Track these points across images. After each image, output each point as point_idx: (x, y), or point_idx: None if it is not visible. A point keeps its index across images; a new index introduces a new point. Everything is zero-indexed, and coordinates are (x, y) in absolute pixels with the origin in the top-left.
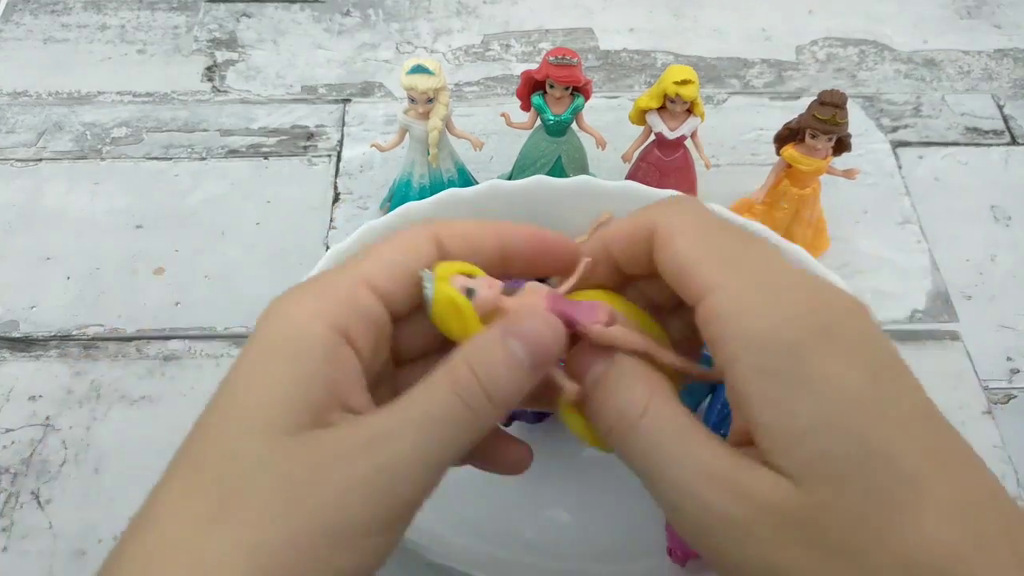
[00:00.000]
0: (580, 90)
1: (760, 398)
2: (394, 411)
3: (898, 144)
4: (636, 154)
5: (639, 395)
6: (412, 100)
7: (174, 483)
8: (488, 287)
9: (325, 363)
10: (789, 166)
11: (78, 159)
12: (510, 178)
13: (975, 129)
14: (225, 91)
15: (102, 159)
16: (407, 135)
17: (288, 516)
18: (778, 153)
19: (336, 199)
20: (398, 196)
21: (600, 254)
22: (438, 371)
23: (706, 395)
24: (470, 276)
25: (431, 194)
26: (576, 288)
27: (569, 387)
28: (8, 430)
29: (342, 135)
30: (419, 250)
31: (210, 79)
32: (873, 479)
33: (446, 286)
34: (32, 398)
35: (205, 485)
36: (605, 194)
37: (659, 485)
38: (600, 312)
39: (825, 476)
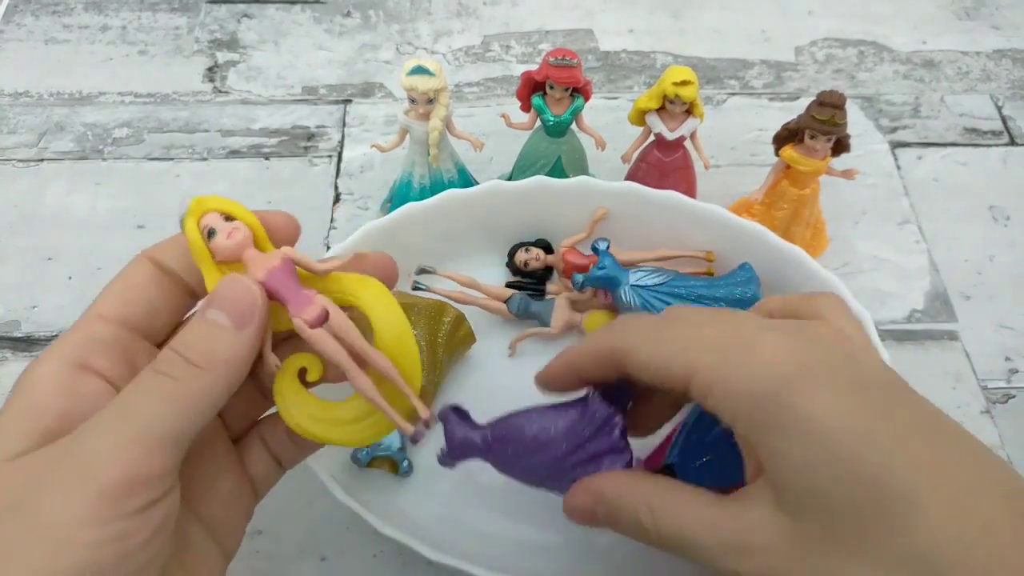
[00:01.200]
0: (580, 91)
1: (761, 448)
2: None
3: (897, 145)
4: (635, 155)
5: (643, 518)
6: (412, 101)
7: None
8: (231, 234)
9: (56, 394)
10: (788, 167)
11: (79, 159)
12: (510, 179)
13: (974, 130)
14: (226, 92)
15: (103, 159)
16: (407, 136)
17: (4, 529)
18: (777, 154)
19: (337, 199)
20: (399, 197)
21: (604, 363)
22: None
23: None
24: (228, 217)
25: (431, 194)
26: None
27: (270, 361)
28: None
29: (343, 136)
30: (141, 269)
31: (211, 80)
32: (862, 504)
33: (191, 221)
34: None
35: None
36: (605, 194)
37: (689, 556)
38: (308, 307)
39: (815, 509)
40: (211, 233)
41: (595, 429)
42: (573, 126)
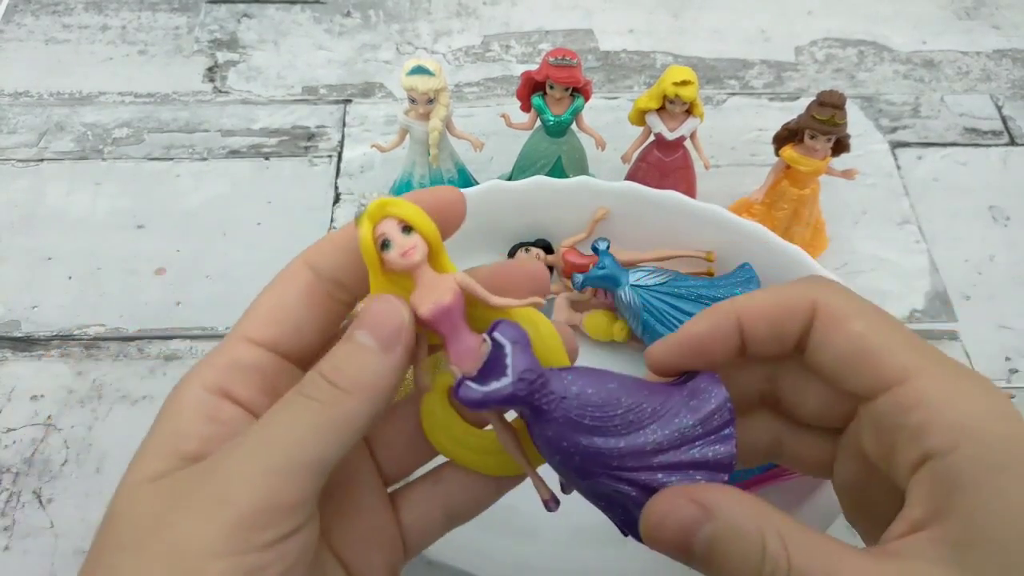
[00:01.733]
0: (580, 91)
1: (988, 488)
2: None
3: (897, 145)
4: (636, 155)
5: (771, 548)
6: (412, 101)
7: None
8: (407, 254)
9: (195, 420)
10: (788, 167)
11: (79, 159)
12: (510, 178)
13: (974, 130)
14: (226, 92)
15: (103, 159)
16: (407, 136)
17: (139, 553)
18: (777, 154)
19: (337, 199)
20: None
21: (724, 326)
22: None
23: None
24: (406, 227)
25: None
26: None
27: (423, 381)
28: (10, 429)
29: (343, 136)
30: (294, 281)
31: (211, 80)
32: None
33: (367, 226)
34: (34, 398)
35: (96, 543)
36: (605, 194)
37: None
38: (470, 359)
39: (1006, 568)
40: (385, 244)
41: (708, 431)
42: (573, 126)
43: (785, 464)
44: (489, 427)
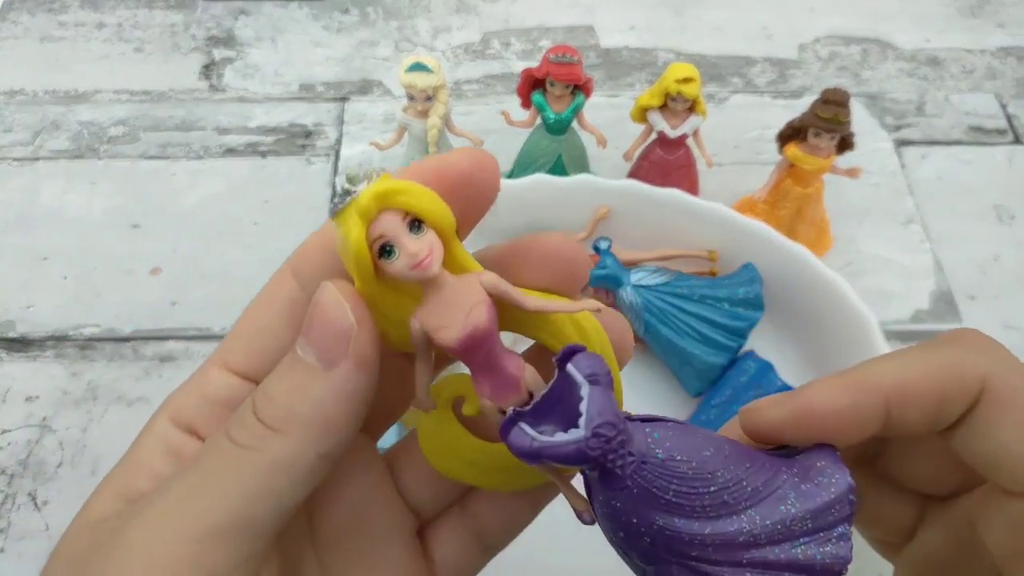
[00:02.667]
0: (581, 88)
1: None
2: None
3: (901, 143)
4: (637, 153)
5: None
6: (411, 98)
7: None
8: (421, 263)
9: (155, 455)
10: (792, 165)
11: (75, 158)
12: (510, 176)
13: (978, 128)
14: (223, 89)
15: (99, 158)
16: (406, 133)
17: None
18: (781, 152)
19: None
20: None
21: (867, 406)
22: None
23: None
24: (415, 222)
25: None
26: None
27: (424, 402)
28: (5, 431)
29: (340, 133)
30: (277, 296)
31: (207, 77)
32: None
33: (359, 226)
34: (29, 399)
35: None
36: (606, 192)
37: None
38: (512, 393)
39: None
40: (386, 251)
41: (820, 526)
42: (574, 124)
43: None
44: None
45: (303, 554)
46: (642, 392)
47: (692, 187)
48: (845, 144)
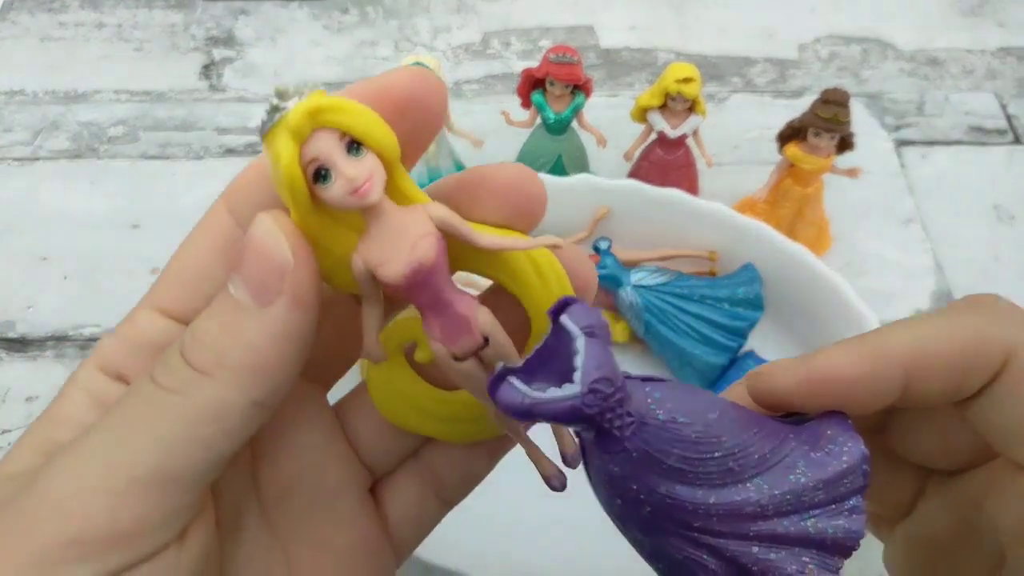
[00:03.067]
0: (581, 88)
1: None
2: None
3: (901, 143)
4: (637, 152)
5: None
6: None
7: None
8: (361, 189)
9: (79, 405)
10: (792, 165)
11: (74, 158)
12: None
13: (978, 128)
14: (222, 89)
15: (99, 158)
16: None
17: None
18: (781, 152)
19: None
20: None
21: (886, 375)
22: None
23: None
24: (355, 143)
25: None
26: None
27: (373, 351)
28: (5, 431)
29: None
30: (210, 232)
31: (207, 77)
32: None
33: (291, 145)
34: (29, 399)
35: None
36: (606, 192)
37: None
38: (464, 336)
39: None
40: (321, 174)
41: (832, 497)
42: (574, 124)
43: None
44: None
45: (246, 510)
46: None
47: (692, 187)
48: (845, 144)
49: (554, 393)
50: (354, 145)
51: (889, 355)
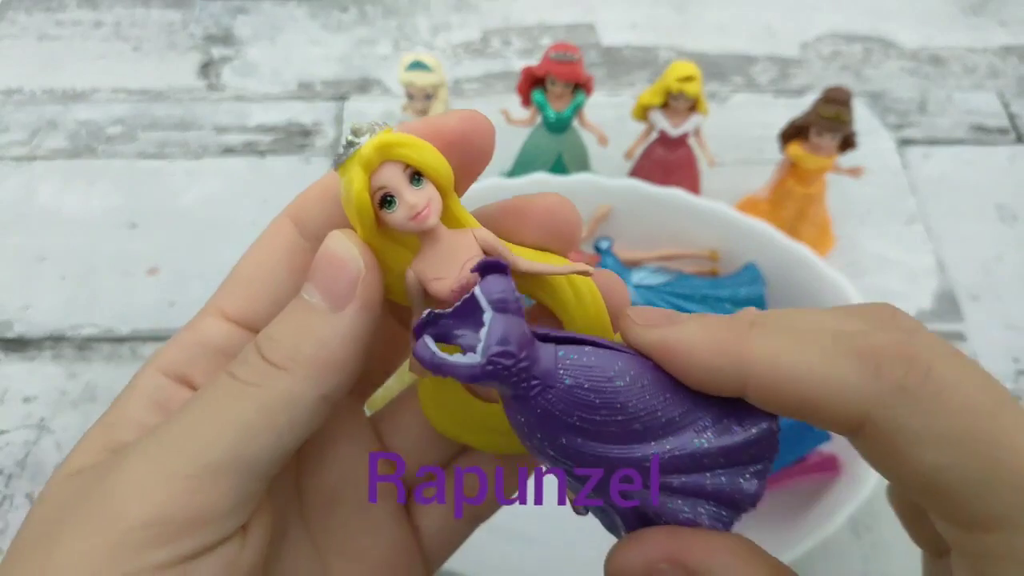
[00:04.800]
0: (581, 86)
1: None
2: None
3: (903, 142)
4: (638, 151)
5: None
6: (410, 97)
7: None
8: (420, 215)
9: (141, 406)
10: (794, 164)
11: (72, 157)
12: (511, 176)
13: (981, 127)
14: (221, 88)
15: (96, 157)
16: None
17: (18, 572)
18: (783, 151)
19: None
20: None
21: (732, 372)
22: None
23: None
24: (417, 174)
25: None
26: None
27: (416, 368)
28: (2, 432)
29: (339, 133)
30: (275, 242)
31: (205, 76)
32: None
33: (361, 176)
34: (26, 399)
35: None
36: (607, 191)
37: None
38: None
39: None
40: (387, 201)
41: (734, 461)
42: (575, 122)
43: None
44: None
45: (290, 519)
46: None
47: (693, 186)
48: (847, 143)
49: (458, 359)
50: (416, 176)
51: (736, 358)
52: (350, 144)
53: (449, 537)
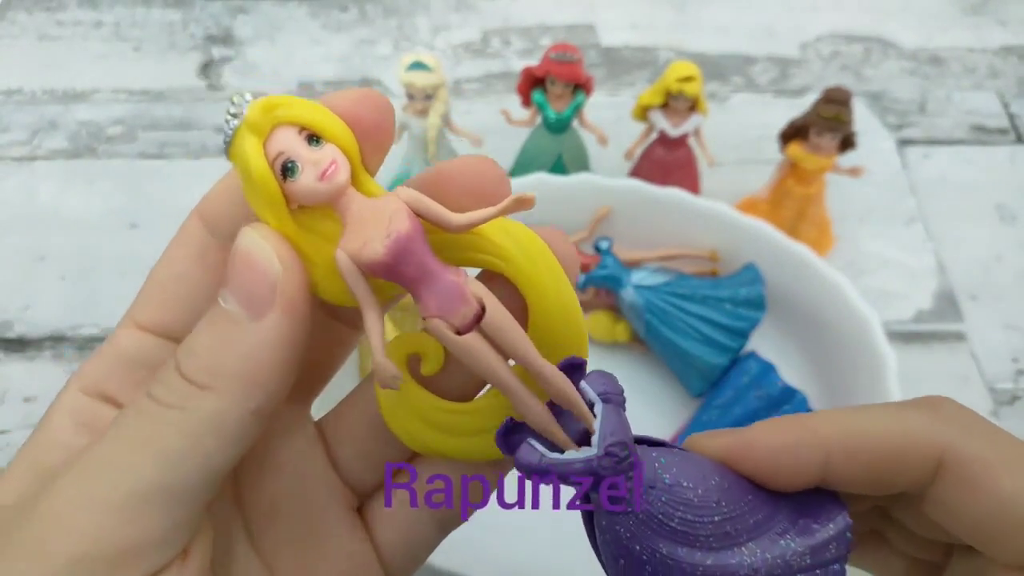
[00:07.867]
0: (581, 87)
1: None
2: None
3: (903, 142)
4: (638, 152)
5: None
6: (411, 97)
7: None
8: (327, 173)
9: (65, 429)
10: (794, 164)
11: (72, 157)
12: (511, 176)
13: (981, 127)
14: (221, 88)
15: (97, 158)
16: (405, 133)
17: None
18: (782, 151)
19: None
20: None
21: (804, 456)
22: None
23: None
24: (313, 136)
25: None
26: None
27: (383, 367)
28: (3, 432)
29: None
30: (185, 245)
31: (206, 76)
32: None
33: (254, 143)
34: (27, 399)
35: None
36: (607, 192)
37: None
38: (460, 305)
39: None
40: (288, 169)
41: (817, 563)
42: (575, 123)
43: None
44: (480, 395)
45: (233, 537)
46: (644, 392)
47: (693, 186)
48: (847, 143)
49: (572, 455)
50: (313, 138)
51: (812, 433)
52: (233, 116)
53: (412, 546)
